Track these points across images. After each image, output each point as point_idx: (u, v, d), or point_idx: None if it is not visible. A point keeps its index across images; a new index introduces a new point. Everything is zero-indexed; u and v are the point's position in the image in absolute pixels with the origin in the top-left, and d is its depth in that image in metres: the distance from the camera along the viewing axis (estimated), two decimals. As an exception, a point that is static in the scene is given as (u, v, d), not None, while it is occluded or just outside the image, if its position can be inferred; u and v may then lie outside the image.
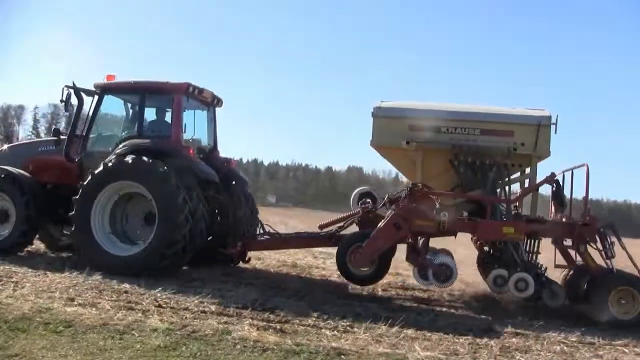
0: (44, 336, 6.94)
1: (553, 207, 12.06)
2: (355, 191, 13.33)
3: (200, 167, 12.46)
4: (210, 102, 14.05)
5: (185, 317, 8.31)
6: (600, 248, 10.94)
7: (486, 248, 12.78)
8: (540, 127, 11.67)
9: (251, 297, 9.97)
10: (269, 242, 13.48)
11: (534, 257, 11.58)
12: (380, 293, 12.13)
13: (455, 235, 11.88)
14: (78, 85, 13.22)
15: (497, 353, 7.82)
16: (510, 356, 7.77)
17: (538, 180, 11.73)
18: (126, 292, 9.81)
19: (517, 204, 12.04)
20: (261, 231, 13.52)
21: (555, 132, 11.74)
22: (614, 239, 11.00)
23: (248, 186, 14.13)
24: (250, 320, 8.48)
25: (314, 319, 8.94)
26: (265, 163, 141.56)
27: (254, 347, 7.13)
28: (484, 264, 12.59)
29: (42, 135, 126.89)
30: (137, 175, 11.94)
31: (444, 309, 10.72)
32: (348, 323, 8.82)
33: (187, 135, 13.39)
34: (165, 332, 7.43)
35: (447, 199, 11.70)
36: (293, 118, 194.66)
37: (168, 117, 13.28)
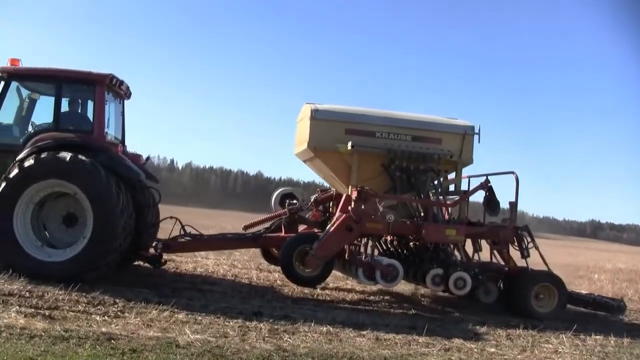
0: None
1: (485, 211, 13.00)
2: (277, 192, 13.82)
3: (127, 166, 11.56)
4: (124, 95, 13.05)
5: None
6: (517, 249, 12.46)
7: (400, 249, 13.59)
8: (465, 136, 12.73)
9: (20, 284, 9.78)
10: (191, 244, 13.24)
11: (473, 257, 12.80)
12: (155, 279, 12.23)
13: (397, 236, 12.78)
14: None
15: (266, 335, 8.28)
16: (278, 337, 8.24)
17: (463, 184, 13.19)
18: None
19: (450, 209, 12.91)
20: (182, 232, 13.15)
21: (479, 142, 12.94)
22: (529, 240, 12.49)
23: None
24: (18, 307, 8.37)
25: (84, 304, 9.01)
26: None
27: (20, 334, 7.09)
28: (410, 263, 12.96)
29: None
30: (68, 173, 10.75)
31: (215, 295, 11.05)
32: (119, 308, 8.98)
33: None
34: None
35: (387, 201, 12.34)
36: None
37: (87, 110, 12.30)
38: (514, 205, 12.48)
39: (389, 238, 12.98)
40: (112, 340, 7.21)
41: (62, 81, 11.83)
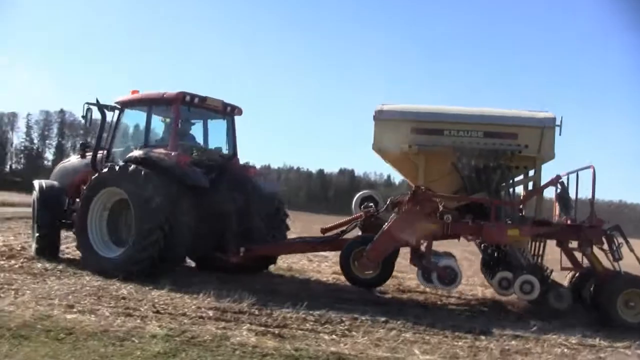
0: (46, 344, 7.07)
1: (557, 209, 12.11)
2: (357, 195, 13.56)
3: (187, 175, 12.53)
4: (223, 111, 14.25)
5: (184, 323, 8.47)
6: (607, 250, 11.10)
7: (489, 250, 12.93)
8: (545, 129, 11.81)
9: (249, 302, 10.13)
10: (272, 248, 13.63)
11: (540, 259, 11.74)
12: (377, 296, 12.27)
13: (459, 238, 12.05)
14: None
15: (497, 356, 7.96)
16: (511, 359, 7.91)
17: (543, 182, 11.95)
18: (124, 298, 9.96)
19: (522, 206, 12.20)
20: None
21: (560, 134, 11.92)
22: (621, 240, 11.13)
23: (270, 194, 14.19)
24: (249, 325, 8.63)
25: (312, 323, 9.12)
26: (258, 166, 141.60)
27: (253, 352, 7.27)
28: (489, 266, 12.79)
29: (35, 141, 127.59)
30: (120, 182, 12.58)
31: (443, 312, 10.83)
32: (346, 327, 8.99)
33: (202, 144, 14.42)
34: (165, 338, 7.57)
35: (451, 201, 11.89)
36: (283, 121, 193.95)
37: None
38: (592, 201, 11.28)
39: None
40: (342, 360, 7.23)
41: (150, 104, 13.84)
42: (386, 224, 11.55)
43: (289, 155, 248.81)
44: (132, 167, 12.51)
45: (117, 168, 12.72)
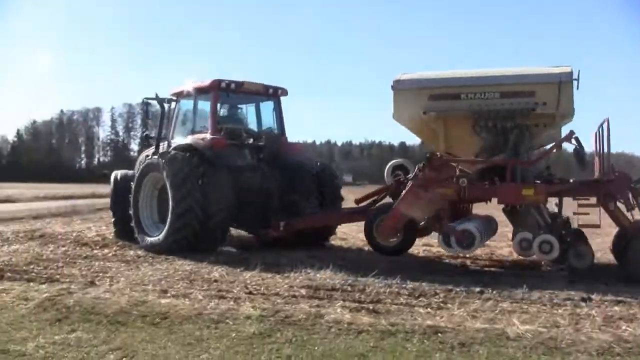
0: (142, 329, 7.17)
1: (598, 165, 11.76)
2: (389, 164, 13.52)
3: (219, 157, 13.61)
4: (266, 93, 15.24)
5: (277, 303, 8.46)
6: (634, 204, 11.00)
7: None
8: (562, 85, 11.52)
9: (340, 278, 10.12)
10: (309, 220, 13.94)
11: (558, 217, 11.56)
12: (469, 265, 12.03)
13: (480, 201, 12.25)
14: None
15: (601, 323, 7.60)
16: (615, 326, 7.50)
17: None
18: (216, 280, 10.06)
19: (548, 165, 12.10)
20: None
21: (577, 88, 11.72)
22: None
23: (310, 169, 15.02)
24: (342, 302, 8.55)
25: (405, 296, 9.00)
26: (339, 143, 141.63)
27: (348, 329, 7.19)
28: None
29: (120, 134, 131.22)
30: (160, 167, 13.64)
31: (538, 279, 10.46)
32: (441, 299, 8.82)
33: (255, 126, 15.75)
34: (259, 319, 7.57)
35: (469, 165, 12.10)
36: (362, 95, 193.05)
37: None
38: (607, 155, 11.03)
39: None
40: (439, 334, 7.05)
41: (196, 93, 14.96)
42: (404, 191, 11.75)
43: (370, 130, 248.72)
44: (170, 153, 13.71)
45: (158, 155, 14.03)
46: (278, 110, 15.65)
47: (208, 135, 14.15)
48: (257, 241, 14.70)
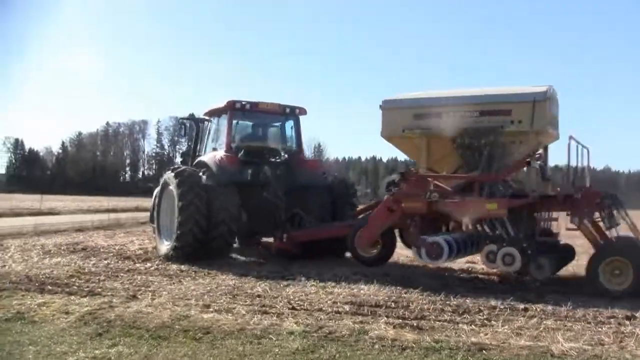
0: (184, 344, 7.17)
1: (588, 180, 12.55)
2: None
3: (224, 173, 14.62)
4: (283, 112, 16.29)
5: (320, 319, 8.42)
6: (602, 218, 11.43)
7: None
8: (536, 103, 12.13)
9: (384, 294, 10.10)
10: (310, 232, 14.57)
11: (522, 231, 11.74)
12: (513, 282, 11.90)
13: (449, 215, 12.41)
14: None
15: (646, 341, 7.51)
16: (660, 344, 7.42)
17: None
18: (259, 296, 10.04)
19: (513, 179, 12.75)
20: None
21: (555, 107, 12.83)
22: (622, 210, 11.60)
23: (320, 184, 15.85)
24: (386, 318, 8.51)
25: (449, 313, 8.95)
26: (384, 159, 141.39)
27: (392, 345, 7.14)
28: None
29: (166, 148, 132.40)
30: (173, 182, 14.50)
31: (582, 297, 10.30)
32: (485, 316, 8.77)
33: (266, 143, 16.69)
34: (302, 334, 7.55)
35: (447, 181, 12.69)
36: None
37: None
38: (569, 171, 11.69)
39: None
40: (484, 351, 6.98)
41: (217, 113, 16.37)
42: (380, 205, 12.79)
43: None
44: (179, 169, 14.95)
45: (173, 170, 15.02)
46: (296, 129, 16.66)
47: (221, 153, 15.28)
48: (271, 251, 15.07)
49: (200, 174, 14.71)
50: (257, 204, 14.91)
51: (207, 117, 17.02)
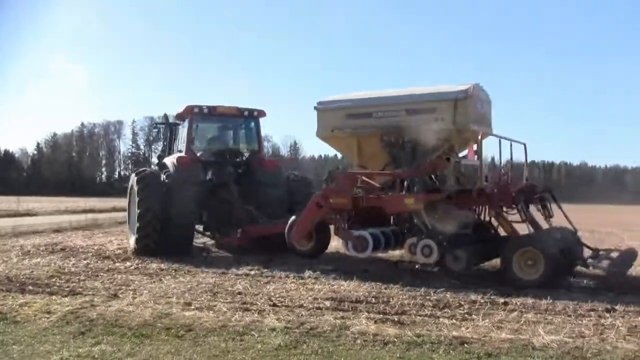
0: (167, 341, 7.19)
1: (526, 173, 13.77)
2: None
3: (178, 174, 15.54)
4: (241, 115, 17.18)
5: (302, 315, 8.48)
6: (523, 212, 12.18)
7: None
8: (458, 102, 12.58)
9: (364, 290, 10.20)
10: (257, 229, 15.33)
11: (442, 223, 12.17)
12: (491, 279, 11.90)
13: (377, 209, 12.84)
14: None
15: (625, 333, 7.62)
16: (640, 336, 7.55)
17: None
18: (240, 293, 10.09)
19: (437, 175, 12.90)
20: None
21: (485, 104, 13.48)
22: (554, 203, 12.61)
23: (277, 182, 16.50)
24: (367, 313, 8.58)
25: (430, 308, 9.03)
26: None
27: (374, 340, 7.20)
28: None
29: (141, 147, 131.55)
30: (138, 182, 15.54)
31: (561, 290, 10.46)
32: (465, 310, 8.86)
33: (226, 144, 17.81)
34: (284, 330, 7.59)
35: (374, 178, 13.32)
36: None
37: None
38: (480, 166, 12.31)
39: None
40: (465, 345, 7.04)
41: (179, 118, 17.45)
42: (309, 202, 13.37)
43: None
44: (141, 170, 16.20)
45: (136, 172, 16.30)
46: (256, 130, 17.56)
47: (181, 155, 16.35)
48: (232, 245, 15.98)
49: (162, 174, 15.79)
50: (215, 202, 16.03)
51: (177, 121, 17.93)
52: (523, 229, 12.22)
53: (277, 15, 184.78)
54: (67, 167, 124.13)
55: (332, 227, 13.68)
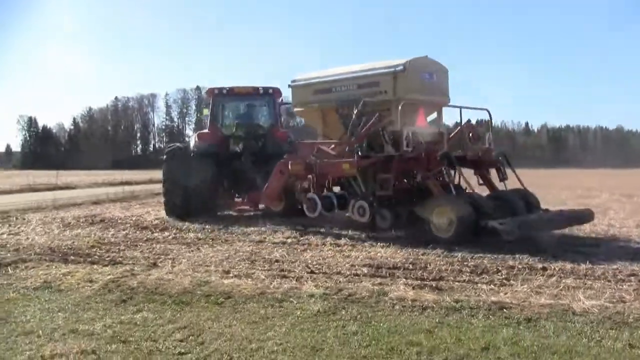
0: (206, 308, 7.25)
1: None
2: None
3: (198, 146, 17.64)
4: (257, 94, 18.70)
5: (339, 282, 8.48)
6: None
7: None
8: (396, 74, 13.55)
9: (401, 257, 10.16)
10: (258, 195, 16.24)
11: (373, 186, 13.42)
12: (529, 242, 11.77)
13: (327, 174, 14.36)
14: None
15: (667, 298, 7.47)
16: (682, 301, 7.37)
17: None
18: (277, 261, 10.13)
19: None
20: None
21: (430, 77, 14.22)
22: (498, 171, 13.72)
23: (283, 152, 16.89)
24: (404, 279, 8.56)
25: (468, 274, 8.96)
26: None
27: (412, 306, 7.18)
28: None
29: (175, 120, 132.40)
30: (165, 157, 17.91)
31: (600, 256, 10.25)
32: (504, 276, 8.75)
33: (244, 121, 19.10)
34: (322, 297, 7.61)
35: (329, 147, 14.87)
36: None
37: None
38: (401, 133, 12.81)
39: None
40: (504, 310, 6.98)
41: (207, 98, 19.62)
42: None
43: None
44: (170, 146, 18.53)
45: (170, 146, 18.67)
46: (273, 107, 18.86)
47: (204, 130, 18.64)
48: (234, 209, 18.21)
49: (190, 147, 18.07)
50: (231, 171, 17.70)
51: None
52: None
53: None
54: (103, 141, 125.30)
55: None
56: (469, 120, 14.74)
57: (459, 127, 14.04)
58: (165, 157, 17.67)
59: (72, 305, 7.47)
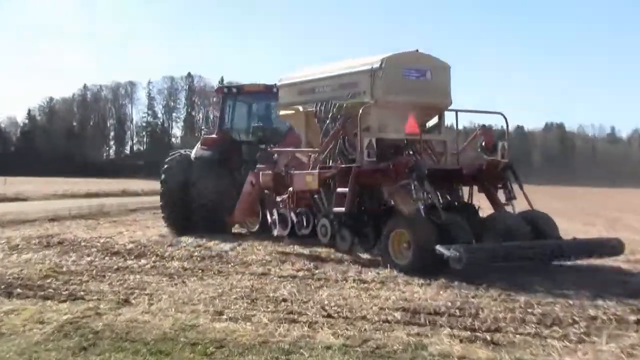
0: (192, 360, 7.18)
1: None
2: None
3: (198, 154, 19.55)
4: (270, 92, 19.63)
5: (364, 330, 8.36)
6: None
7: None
8: (373, 73, 14.34)
9: (445, 299, 10.04)
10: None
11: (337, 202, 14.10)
12: (618, 284, 11.59)
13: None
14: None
15: None
16: None
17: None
18: (284, 300, 10.07)
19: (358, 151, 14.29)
20: None
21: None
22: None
23: None
24: (449, 329, 8.40)
25: (533, 324, 8.72)
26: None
27: (460, 365, 7.06)
28: None
29: (159, 115, 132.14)
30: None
31: None
32: (582, 330, 8.46)
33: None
34: (342, 349, 7.49)
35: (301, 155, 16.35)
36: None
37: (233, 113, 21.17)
38: (360, 143, 13.66)
39: None
40: (584, 376, 6.87)
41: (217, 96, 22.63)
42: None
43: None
44: (173, 154, 20.66)
45: (173, 153, 20.77)
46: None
47: (205, 136, 20.79)
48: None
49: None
50: (231, 183, 18.92)
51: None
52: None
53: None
54: (66, 140, 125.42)
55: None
56: (483, 126, 15.23)
57: (474, 134, 14.86)
58: (165, 166, 19.41)
59: (16, 354, 7.37)
